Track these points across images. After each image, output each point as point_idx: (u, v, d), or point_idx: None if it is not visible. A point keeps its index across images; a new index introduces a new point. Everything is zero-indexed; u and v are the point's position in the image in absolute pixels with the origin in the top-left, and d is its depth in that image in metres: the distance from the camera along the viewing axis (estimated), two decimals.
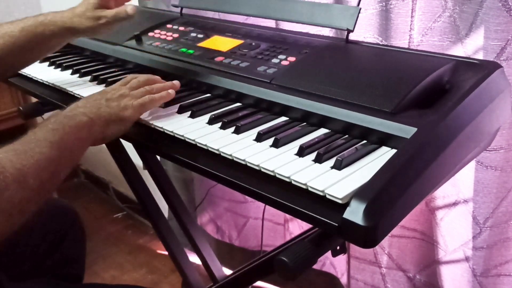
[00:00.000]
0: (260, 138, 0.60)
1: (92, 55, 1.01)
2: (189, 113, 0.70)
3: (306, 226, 1.28)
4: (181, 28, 0.96)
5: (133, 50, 0.92)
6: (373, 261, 1.20)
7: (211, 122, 0.66)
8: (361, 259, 1.22)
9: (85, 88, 0.82)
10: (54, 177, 0.59)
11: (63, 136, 0.60)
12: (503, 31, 0.79)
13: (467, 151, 0.58)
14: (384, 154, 0.55)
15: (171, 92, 0.72)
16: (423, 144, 0.51)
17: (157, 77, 0.75)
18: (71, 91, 0.82)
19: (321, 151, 0.54)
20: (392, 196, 0.46)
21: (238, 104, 0.72)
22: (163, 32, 0.95)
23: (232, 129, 0.63)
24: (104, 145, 1.10)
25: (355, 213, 0.44)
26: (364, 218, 0.44)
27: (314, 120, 0.64)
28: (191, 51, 0.85)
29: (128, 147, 0.97)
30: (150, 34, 0.96)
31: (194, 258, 1.23)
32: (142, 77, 0.74)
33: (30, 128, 0.62)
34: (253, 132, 0.62)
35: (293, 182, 0.51)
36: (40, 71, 0.94)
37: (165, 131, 0.66)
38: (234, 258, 1.53)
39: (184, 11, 1.05)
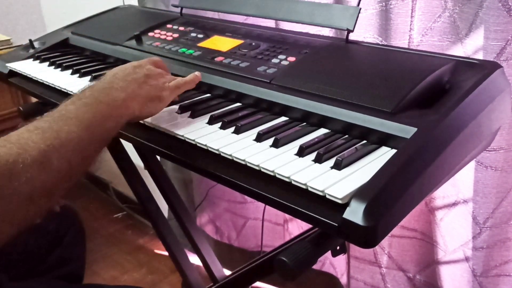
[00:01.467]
0: (260, 138, 0.60)
1: (92, 55, 1.01)
2: (189, 113, 0.70)
3: (305, 226, 1.28)
4: (181, 28, 0.96)
5: (133, 50, 0.92)
6: (373, 261, 1.20)
7: (211, 122, 0.66)
8: (361, 259, 1.22)
9: None
10: (85, 159, 0.54)
11: (96, 115, 0.56)
12: (503, 31, 0.79)
13: (467, 151, 0.58)
14: (384, 154, 0.55)
15: (198, 74, 0.72)
16: (423, 144, 0.51)
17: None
18: (71, 91, 0.82)
19: (321, 151, 0.54)
20: (392, 196, 0.46)
21: (238, 104, 0.72)
22: (163, 32, 0.95)
23: (232, 129, 0.63)
24: None
25: (355, 213, 0.44)
26: (364, 218, 0.44)
27: (314, 120, 0.64)
28: (191, 51, 0.85)
29: (128, 147, 0.97)
30: (150, 34, 0.96)
31: (194, 259, 1.23)
32: (156, 57, 0.73)
33: None
34: (253, 132, 0.62)
35: (293, 182, 0.51)
36: (40, 71, 0.94)
37: (165, 131, 0.66)
38: (233, 259, 1.53)
39: (184, 11, 1.05)
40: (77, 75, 0.89)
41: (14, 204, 0.48)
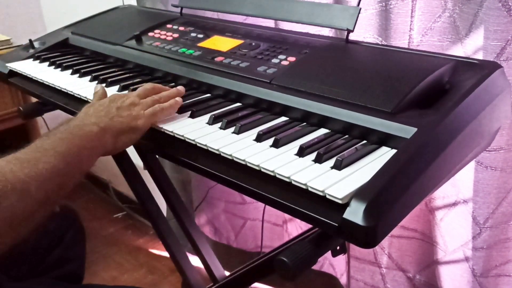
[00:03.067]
0: (260, 138, 0.60)
1: (92, 55, 1.01)
2: (189, 113, 0.70)
3: (304, 227, 1.28)
4: (181, 28, 0.96)
5: (133, 50, 0.92)
6: (373, 261, 1.20)
7: (211, 122, 0.66)
8: (361, 259, 1.22)
9: (85, 88, 0.82)
10: (61, 189, 0.57)
11: (71, 146, 0.58)
12: (503, 31, 0.79)
13: (467, 151, 0.58)
14: (384, 154, 0.55)
15: (179, 99, 0.71)
16: (423, 144, 0.51)
17: (161, 86, 0.74)
18: (71, 91, 0.82)
19: (321, 151, 0.54)
20: (392, 196, 0.46)
21: (238, 104, 0.72)
22: (163, 32, 0.95)
23: (232, 129, 0.63)
24: None
25: (355, 213, 0.44)
26: (364, 218, 0.44)
27: (314, 120, 0.64)
28: (191, 51, 0.85)
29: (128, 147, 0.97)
30: (150, 34, 0.96)
31: (194, 259, 1.23)
32: (148, 84, 0.72)
33: (30, 128, 0.61)
34: (253, 132, 0.62)
35: (293, 182, 0.51)
36: (40, 71, 0.94)
37: (165, 131, 0.66)
38: (232, 260, 1.53)
39: (184, 11, 1.05)
40: (77, 75, 0.89)
41: None
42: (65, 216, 1.01)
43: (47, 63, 0.98)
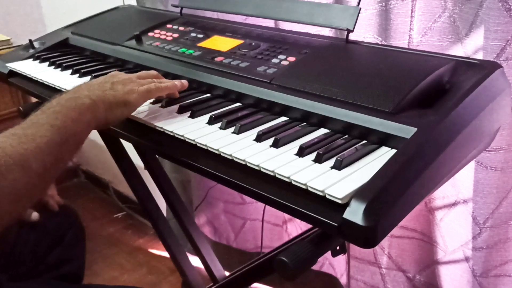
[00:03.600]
0: (260, 138, 0.60)
1: (92, 55, 1.01)
2: (189, 113, 0.70)
3: (304, 227, 1.28)
4: (181, 28, 0.96)
5: (133, 50, 0.92)
6: (373, 261, 1.20)
7: (211, 122, 0.66)
8: (360, 259, 1.22)
9: None
10: (58, 161, 0.58)
11: (65, 119, 0.59)
12: (503, 31, 0.79)
13: (467, 151, 0.58)
14: (384, 154, 0.55)
15: (177, 82, 0.73)
16: (423, 144, 0.51)
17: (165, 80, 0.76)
18: None
19: (321, 151, 0.54)
20: (392, 196, 0.46)
21: (238, 104, 0.72)
22: (163, 32, 0.95)
23: (232, 129, 0.63)
24: (104, 145, 1.11)
25: (355, 213, 0.44)
26: (364, 218, 0.44)
27: (314, 120, 0.64)
28: (191, 51, 0.85)
29: (128, 147, 0.97)
30: (150, 34, 0.96)
31: (194, 259, 1.23)
32: (152, 72, 0.74)
33: None
34: (253, 132, 0.62)
35: (293, 182, 0.51)
36: (40, 71, 0.94)
37: (165, 131, 0.66)
38: (232, 260, 1.53)
39: (184, 11, 1.05)
40: (77, 75, 0.89)
41: (1, 204, 0.51)
42: (65, 216, 1.01)
43: (47, 63, 0.98)
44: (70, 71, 0.91)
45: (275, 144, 0.58)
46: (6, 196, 0.51)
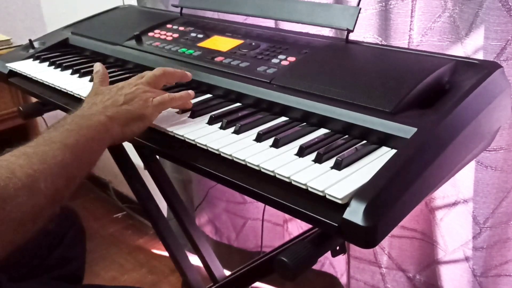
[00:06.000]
0: (260, 138, 0.60)
1: (92, 55, 1.01)
2: (189, 113, 0.70)
3: (305, 226, 1.28)
4: (181, 28, 0.96)
5: (133, 50, 0.92)
6: (373, 261, 1.20)
7: (211, 122, 0.66)
8: (361, 259, 1.22)
9: (85, 88, 0.82)
10: (70, 182, 0.55)
11: (78, 138, 0.57)
12: (503, 31, 0.79)
13: (467, 151, 0.58)
14: (384, 154, 0.55)
15: (191, 92, 0.70)
16: (423, 144, 0.51)
17: (171, 69, 0.72)
18: (71, 91, 0.82)
19: (321, 151, 0.54)
20: (392, 196, 0.46)
21: (238, 104, 0.72)
22: (163, 32, 0.95)
23: (232, 129, 0.63)
24: None
25: (355, 213, 0.44)
26: (364, 218, 0.44)
27: (314, 120, 0.64)
28: (191, 51, 0.85)
29: (128, 147, 0.97)
30: (150, 34, 0.96)
31: (194, 259, 1.23)
32: (157, 70, 0.70)
33: (30, 128, 0.60)
34: (253, 132, 0.62)
35: (293, 182, 0.51)
36: (40, 71, 0.94)
37: (165, 131, 0.66)
38: (233, 260, 1.53)
39: (184, 11, 1.05)
40: (77, 75, 0.89)
41: (4, 228, 0.48)
42: (65, 216, 1.01)
43: (47, 63, 0.98)
44: (70, 71, 0.91)
45: (275, 144, 0.58)
46: (11, 223, 0.49)
